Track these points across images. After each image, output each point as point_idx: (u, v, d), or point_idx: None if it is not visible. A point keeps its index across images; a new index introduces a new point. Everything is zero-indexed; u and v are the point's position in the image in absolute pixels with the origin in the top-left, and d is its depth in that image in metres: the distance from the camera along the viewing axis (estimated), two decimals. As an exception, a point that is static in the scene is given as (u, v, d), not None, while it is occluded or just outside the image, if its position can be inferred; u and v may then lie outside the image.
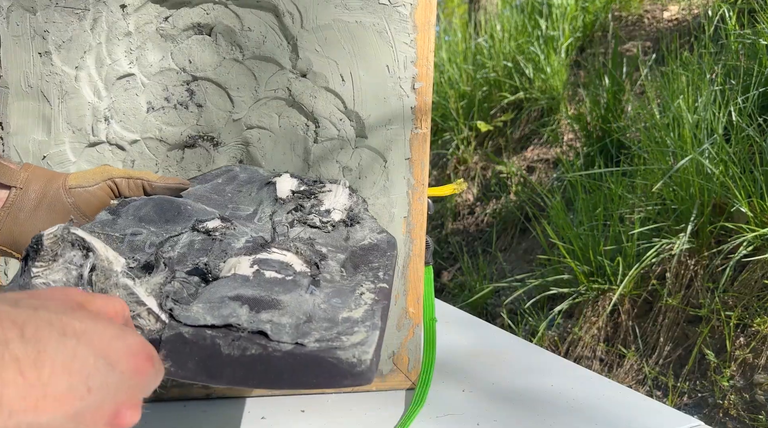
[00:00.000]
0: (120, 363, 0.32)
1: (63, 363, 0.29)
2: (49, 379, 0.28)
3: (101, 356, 0.31)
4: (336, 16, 0.62)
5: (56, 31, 0.60)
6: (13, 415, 0.27)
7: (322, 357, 0.43)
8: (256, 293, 0.46)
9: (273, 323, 0.44)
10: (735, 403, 1.63)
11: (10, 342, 0.28)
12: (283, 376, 0.42)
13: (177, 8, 0.61)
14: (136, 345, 0.33)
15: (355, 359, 0.43)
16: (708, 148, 1.87)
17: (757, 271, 1.75)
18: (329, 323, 0.45)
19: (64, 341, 0.30)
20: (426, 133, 0.64)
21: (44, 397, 0.28)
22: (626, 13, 3.44)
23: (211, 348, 0.43)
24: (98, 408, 0.30)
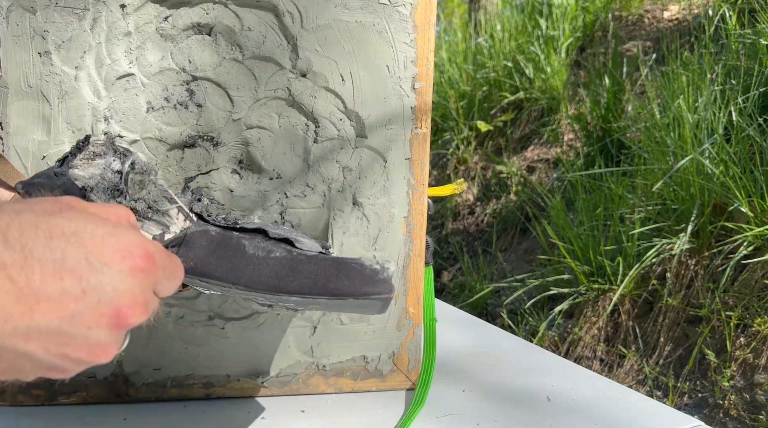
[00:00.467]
0: (115, 262, 0.30)
1: (53, 266, 0.28)
2: (40, 283, 0.28)
3: (94, 256, 0.29)
4: (336, 16, 0.62)
5: (56, 31, 0.60)
6: (8, 320, 0.27)
7: (346, 262, 0.43)
8: (279, 230, 0.46)
9: (297, 240, 0.45)
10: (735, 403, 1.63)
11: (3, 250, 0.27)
12: (306, 280, 0.42)
13: (177, 8, 0.61)
14: (132, 243, 0.31)
15: (379, 266, 0.43)
16: (708, 147, 1.87)
17: (757, 271, 1.74)
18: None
19: (51, 244, 0.29)
20: (426, 133, 0.64)
21: (38, 301, 0.27)
22: (626, 13, 3.43)
23: (237, 247, 0.43)
24: (96, 308, 0.29)
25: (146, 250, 0.32)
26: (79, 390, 0.64)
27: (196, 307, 0.63)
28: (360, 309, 0.49)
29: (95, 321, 0.29)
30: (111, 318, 0.30)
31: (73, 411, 0.63)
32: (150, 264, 0.32)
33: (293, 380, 0.67)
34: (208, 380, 0.65)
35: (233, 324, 0.64)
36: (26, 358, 0.28)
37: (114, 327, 0.30)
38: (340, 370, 0.67)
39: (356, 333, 0.66)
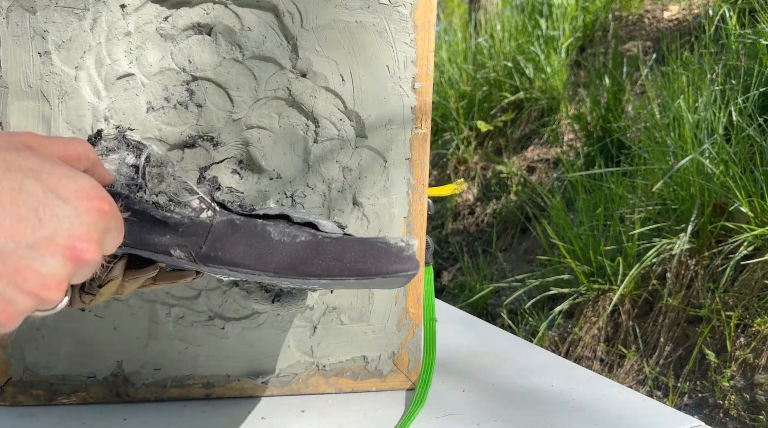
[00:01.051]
0: (71, 200, 0.31)
1: (10, 196, 0.29)
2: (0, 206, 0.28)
3: (51, 191, 0.30)
4: (336, 16, 0.62)
5: (56, 31, 0.60)
6: None
7: (371, 242, 0.44)
8: (301, 214, 0.47)
9: (320, 223, 0.45)
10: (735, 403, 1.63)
11: None
12: (334, 262, 0.43)
13: (177, 8, 0.61)
14: (89, 186, 0.32)
15: (404, 243, 0.44)
16: (708, 147, 1.87)
17: (757, 271, 1.74)
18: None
19: (8, 175, 0.29)
20: (426, 133, 0.64)
21: None
22: (626, 13, 3.43)
23: (262, 234, 0.43)
24: (52, 238, 0.30)
25: (103, 194, 0.33)
26: (79, 390, 0.64)
27: (196, 307, 0.63)
28: (385, 285, 0.49)
29: (51, 250, 0.30)
30: (66, 249, 0.30)
31: (73, 411, 0.63)
32: (106, 208, 0.32)
33: (293, 380, 0.67)
34: (208, 380, 0.65)
35: (233, 324, 0.64)
36: None
37: (69, 258, 0.30)
38: (341, 370, 0.67)
39: (356, 334, 0.66)
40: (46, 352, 0.62)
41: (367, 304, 0.66)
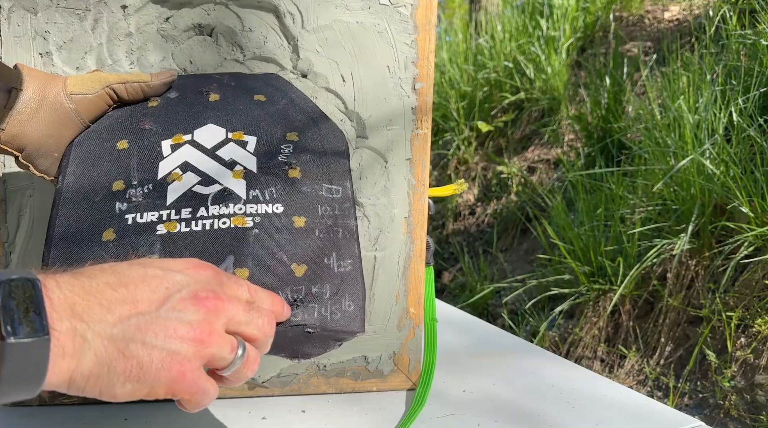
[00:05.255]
0: (183, 269, 0.40)
1: (141, 279, 0.38)
2: (135, 291, 0.37)
3: (166, 268, 0.40)
4: (337, 17, 0.62)
5: (57, 32, 0.60)
6: (122, 314, 0.36)
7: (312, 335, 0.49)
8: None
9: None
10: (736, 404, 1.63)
11: (96, 275, 0.37)
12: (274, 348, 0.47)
13: (178, 9, 0.61)
14: (192, 261, 0.42)
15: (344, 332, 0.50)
16: (709, 148, 1.87)
17: (758, 272, 1.74)
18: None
19: (134, 267, 0.39)
20: (427, 134, 0.64)
21: (137, 302, 0.37)
22: (627, 14, 3.43)
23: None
24: (179, 295, 0.38)
25: (204, 263, 0.43)
26: (80, 390, 0.64)
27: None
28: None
29: (183, 305, 0.38)
30: (193, 300, 0.39)
31: (73, 411, 0.63)
32: (209, 268, 0.42)
33: (294, 380, 0.67)
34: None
35: (234, 325, 0.64)
36: (145, 346, 0.36)
37: (199, 306, 0.39)
38: (341, 370, 0.67)
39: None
40: (48, 352, 0.62)
41: (368, 305, 0.66)
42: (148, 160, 0.52)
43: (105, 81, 0.55)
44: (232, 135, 0.54)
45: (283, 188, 0.51)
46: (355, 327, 0.49)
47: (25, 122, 0.51)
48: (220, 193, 0.50)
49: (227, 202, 0.49)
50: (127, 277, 0.38)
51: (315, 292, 0.48)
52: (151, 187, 0.50)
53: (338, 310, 0.48)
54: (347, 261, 0.50)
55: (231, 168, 0.51)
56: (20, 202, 0.63)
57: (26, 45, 0.59)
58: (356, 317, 0.49)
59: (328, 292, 0.48)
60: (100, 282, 0.36)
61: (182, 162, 0.52)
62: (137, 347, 0.36)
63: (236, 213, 0.49)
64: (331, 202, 0.52)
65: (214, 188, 0.50)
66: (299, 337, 0.47)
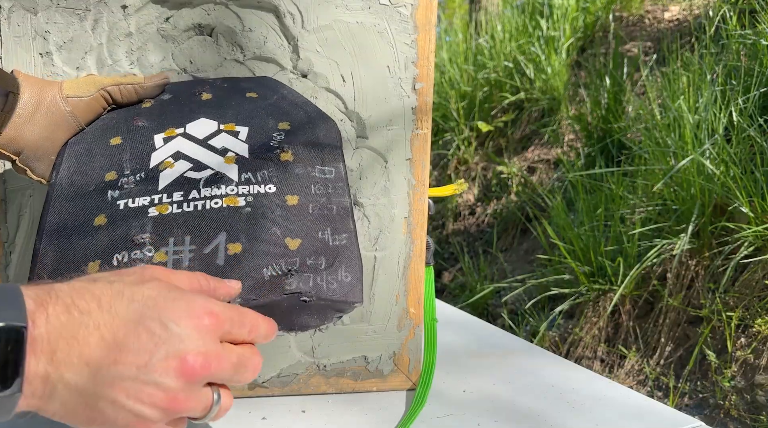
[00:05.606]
0: (182, 321, 0.37)
1: (134, 326, 0.35)
2: (124, 339, 0.35)
3: (164, 317, 0.36)
4: (337, 17, 0.62)
5: (57, 32, 0.60)
6: (101, 368, 0.34)
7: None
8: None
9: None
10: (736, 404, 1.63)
11: (92, 312, 0.35)
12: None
13: (178, 9, 0.61)
14: (198, 307, 0.38)
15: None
16: (709, 148, 1.87)
17: (758, 272, 1.74)
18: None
19: (132, 306, 0.36)
20: (427, 134, 0.64)
21: (121, 353, 0.35)
22: (627, 14, 3.43)
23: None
24: (165, 359, 0.35)
25: (210, 310, 0.38)
26: (81, 390, 0.64)
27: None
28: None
29: (164, 369, 0.35)
30: (177, 367, 0.36)
31: (74, 411, 0.63)
32: (213, 321, 0.38)
33: (294, 380, 0.67)
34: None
35: (234, 325, 0.64)
36: (113, 405, 0.35)
37: (181, 374, 0.36)
38: (341, 370, 0.67)
39: (357, 334, 0.67)
40: (48, 352, 0.62)
41: (368, 305, 0.66)
42: (140, 152, 0.53)
43: (99, 83, 0.56)
44: (224, 126, 0.54)
45: (275, 170, 0.51)
46: (352, 297, 0.47)
47: (22, 125, 0.51)
48: (212, 177, 0.50)
49: (219, 184, 0.49)
50: (120, 321, 0.35)
51: (310, 264, 0.47)
52: (143, 174, 0.51)
53: (334, 280, 0.47)
54: (342, 235, 0.49)
55: (223, 154, 0.52)
56: (20, 202, 0.63)
57: (26, 45, 0.59)
58: (354, 287, 0.48)
59: (323, 264, 0.47)
60: (90, 323, 0.35)
61: (174, 151, 0.52)
62: (105, 404, 0.35)
63: (228, 193, 0.49)
64: (324, 181, 0.52)
65: (206, 173, 0.50)
66: (295, 308, 0.46)
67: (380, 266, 0.66)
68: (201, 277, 0.42)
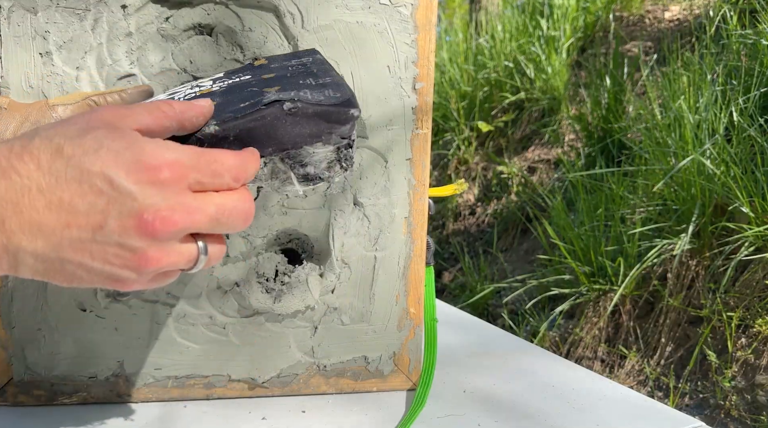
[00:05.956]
0: (130, 176, 0.32)
1: (78, 185, 0.32)
2: (70, 201, 0.32)
3: (111, 172, 0.32)
4: (337, 17, 0.62)
5: (57, 32, 0.60)
6: (54, 234, 0.32)
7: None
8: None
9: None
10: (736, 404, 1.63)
11: (31, 174, 0.32)
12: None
13: (178, 8, 0.61)
14: (147, 155, 0.33)
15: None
16: (709, 148, 1.87)
17: (758, 272, 1.74)
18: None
19: (72, 162, 0.32)
20: (427, 134, 0.64)
21: (71, 215, 0.32)
22: (627, 14, 3.43)
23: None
24: (119, 218, 0.32)
25: (166, 160, 0.34)
26: (80, 391, 0.64)
27: (198, 308, 0.63)
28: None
29: (123, 229, 0.32)
30: (135, 225, 0.32)
31: (73, 411, 0.63)
32: (173, 172, 0.34)
33: (294, 380, 0.67)
34: (209, 380, 0.66)
35: (234, 325, 0.64)
36: (81, 268, 0.33)
37: (143, 233, 0.32)
38: (341, 371, 0.67)
39: (357, 334, 0.67)
40: (47, 352, 0.62)
41: (368, 305, 0.66)
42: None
43: (84, 94, 0.56)
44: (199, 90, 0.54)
45: (250, 71, 0.50)
46: (346, 105, 0.42)
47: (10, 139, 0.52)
48: (189, 89, 0.50)
49: (195, 87, 0.49)
50: (62, 181, 0.32)
51: (293, 93, 0.43)
52: None
53: (321, 95, 0.43)
54: (326, 78, 0.46)
55: (201, 87, 0.51)
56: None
57: (26, 45, 0.59)
58: (346, 96, 0.43)
59: (308, 89, 0.44)
60: (32, 186, 0.31)
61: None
62: (73, 267, 0.33)
63: (202, 87, 0.48)
64: (302, 59, 0.51)
65: (183, 89, 0.50)
66: (281, 121, 0.41)
67: (380, 266, 0.66)
68: (163, 104, 0.38)
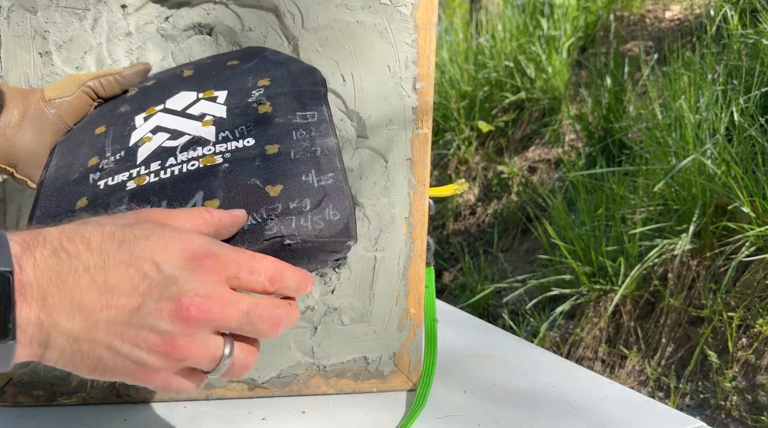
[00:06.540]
0: (176, 262, 0.34)
1: (125, 268, 0.34)
2: (115, 282, 0.33)
3: (158, 256, 0.34)
4: (337, 16, 0.62)
5: (57, 32, 0.60)
6: (93, 313, 0.33)
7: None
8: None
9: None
10: (737, 404, 1.63)
11: (80, 254, 0.33)
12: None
13: (177, 8, 0.61)
14: (194, 246, 0.36)
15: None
16: (710, 148, 1.87)
17: (759, 272, 1.74)
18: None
19: (123, 247, 0.34)
20: (427, 133, 0.64)
21: (113, 296, 0.33)
22: (628, 13, 3.43)
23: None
24: (158, 301, 0.34)
25: (209, 250, 0.36)
26: (80, 391, 0.64)
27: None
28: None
29: (158, 312, 0.34)
30: (172, 309, 0.34)
31: (73, 411, 0.63)
32: (214, 263, 0.35)
33: (294, 381, 0.66)
34: (209, 380, 0.65)
35: (234, 325, 0.64)
36: (110, 351, 0.34)
37: (177, 317, 0.34)
38: (341, 371, 0.67)
39: (357, 334, 0.66)
40: (47, 353, 0.62)
41: (368, 305, 0.66)
42: (121, 134, 0.52)
43: (79, 81, 0.55)
44: (202, 95, 0.52)
45: (254, 124, 0.48)
46: (343, 235, 0.44)
47: (12, 136, 0.51)
48: (188, 142, 0.48)
49: (196, 146, 0.47)
50: (111, 262, 0.33)
51: (293, 207, 0.43)
52: (123, 153, 0.50)
53: (321, 220, 0.43)
54: (328, 175, 0.45)
55: (201, 119, 0.50)
56: (20, 202, 0.62)
57: (26, 44, 0.59)
58: (344, 225, 0.44)
59: (308, 205, 0.43)
60: (80, 266, 0.33)
61: (154, 126, 0.51)
62: (102, 350, 0.34)
63: (205, 154, 0.47)
64: (307, 126, 0.48)
65: (183, 139, 0.48)
66: (281, 254, 0.42)
67: (380, 266, 0.65)
68: (203, 211, 0.40)
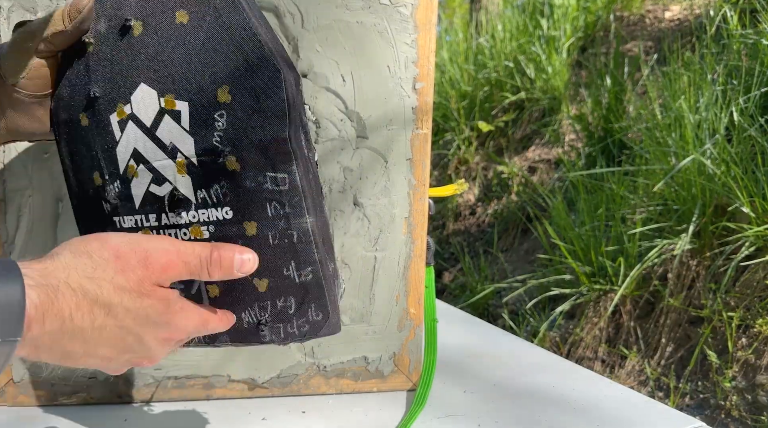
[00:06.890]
0: (151, 343, 0.45)
1: (108, 338, 0.41)
2: (102, 344, 0.41)
3: (146, 338, 0.44)
4: (337, 16, 0.62)
5: (57, 32, 0.60)
6: (71, 356, 0.41)
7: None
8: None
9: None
10: (737, 404, 1.63)
11: (84, 330, 0.40)
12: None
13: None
14: (178, 335, 0.46)
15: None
16: (710, 148, 1.87)
17: (759, 272, 1.74)
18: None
19: (124, 326, 0.42)
20: (427, 134, 0.64)
21: (96, 349, 0.41)
22: (628, 13, 3.43)
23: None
24: (130, 359, 0.44)
25: (174, 341, 0.46)
26: (80, 391, 0.64)
27: (197, 308, 0.63)
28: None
29: (130, 361, 0.45)
30: (138, 360, 0.46)
31: (73, 411, 0.63)
32: (171, 347, 0.47)
33: (294, 381, 0.66)
34: (209, 380, 0.65)
35: (234, 325, 0.64)
36: (81, 361, 0.42)
37: (139, 363, 0.46)
38: (341, 371, 0.67)
39: (357, 334, 0.66)
40: (47, 353, 0.62)
41: (368, 305, 0.66)
42: (106, 146, 0.51)
43: (27, 50, 0.50)
44: (164, 102, 0.50)
45: (227, 186, 0.49)
46: (326, 332, 0.50)
47: (12, 129, 0.52)
48: (171, 197, 0.50)
49: (180, 210, 0.49)
50: (105, 338, 0.41)
51: (280, 307, 0.49)
52: (119, 184, 0.50)
53: (306, 323, 0.49)
54: (307, 269, 0.49)
55: (174, 158, 0.50)
56: (20, 202, 0.63)
57: (26, 45, 0.59)
58: (325, 324, 0.49)
59: (293, 306, 0.49)
60: (79, 337, 0.39)
61: (132, 149, 0.50)
62: (73, 362, 0.41)
63: (191, 222, 0.49)
64: (279, 196, 0.49)
65: (166, 188, 0.50)
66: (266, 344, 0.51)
67: (380, 266, 0.65)
68: (202, 326, 0.47)
